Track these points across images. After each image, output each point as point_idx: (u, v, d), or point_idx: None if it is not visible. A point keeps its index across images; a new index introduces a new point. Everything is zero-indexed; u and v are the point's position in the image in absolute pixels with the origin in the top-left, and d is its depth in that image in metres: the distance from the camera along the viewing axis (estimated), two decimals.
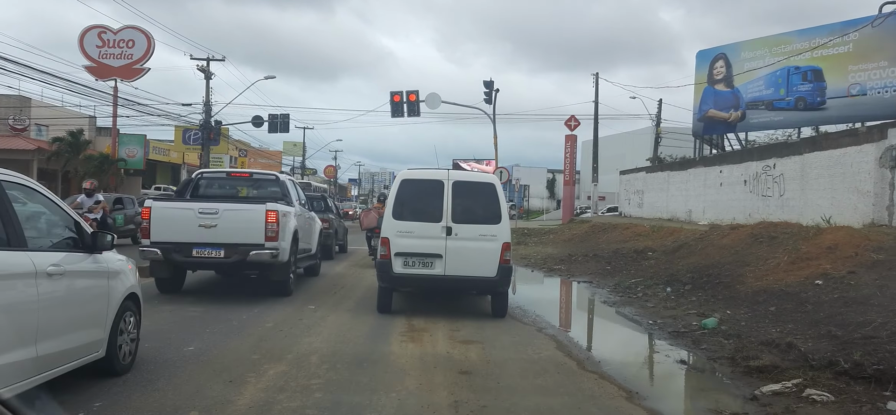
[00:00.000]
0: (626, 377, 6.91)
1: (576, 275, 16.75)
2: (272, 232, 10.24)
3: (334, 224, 20.99)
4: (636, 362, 8.41)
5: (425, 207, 10.17)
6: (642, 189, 36.54)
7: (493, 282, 9.99)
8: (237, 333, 8.19)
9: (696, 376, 7.60)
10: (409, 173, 10.78)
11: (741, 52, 30.38)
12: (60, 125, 46.28)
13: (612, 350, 8.77)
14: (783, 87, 28.31)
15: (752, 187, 24.41)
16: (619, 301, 12.52)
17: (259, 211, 10.26)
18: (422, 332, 8.75)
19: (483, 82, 32.24)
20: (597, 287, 14.68)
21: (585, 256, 19.83)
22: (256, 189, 12.26)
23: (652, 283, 13.98)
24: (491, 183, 10.49)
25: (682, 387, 7.37)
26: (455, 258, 9.78)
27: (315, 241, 13.89)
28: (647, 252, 18.70)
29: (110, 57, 42.97)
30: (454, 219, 9.92)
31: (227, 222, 10.19)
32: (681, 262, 15.53)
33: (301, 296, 11.41)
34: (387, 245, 10.09)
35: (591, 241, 25.14)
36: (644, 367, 8.23)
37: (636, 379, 7.07)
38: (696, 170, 29.50)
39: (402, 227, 10.02)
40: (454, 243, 9.82)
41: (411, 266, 9.91)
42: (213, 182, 12.37)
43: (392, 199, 10.49)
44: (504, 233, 10.03)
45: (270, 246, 10.26)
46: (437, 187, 10.17)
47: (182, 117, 45.23)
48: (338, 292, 12.23)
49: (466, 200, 10.10)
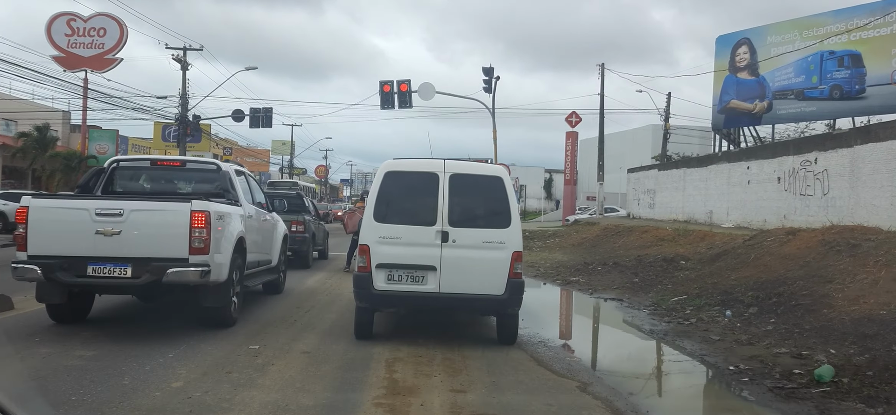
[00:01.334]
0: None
1: (599, 289, 13.83)
2: (200, 242, 7.30)
3: (311, 227, 18.06)
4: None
5: (415, 207, 7.91)
6: (654, 188, 33.69)
7: (501, 302, 7.75)
8: (120, 401, 5.25)
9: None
10: (395, 164, 8.17)
11: (767, 36, 27.56)
12: (30, 120, 43.51)
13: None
14: (816, 75, 25.52)
15: (787, 185, 21.54)
16: (669, 330, 9.59)
17: (181, 212, 7.31)
18: (408, 396, 5.79)
19: (482, 69, 29.36)
20: (630, 306, 11.77)
21: (604, 265, 16.92)
22: (189, 182, 9.25)
23: (700, 302, 11.10)
24: (498, 176, 8.07)
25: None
26: (453, 271, 7.68)
27: (277, 250, 10.95)
28: (679, 261, 15.82)
29: (80, 46, 40.28)
30: (452, 221, 7.77)
31: (135, 228, 7.24)
32: (729, 275, 12.65)
33: (248, 326, 8.46)
34: (366, 254, 7.71)
35: (605, 246, 22.24)
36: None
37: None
38: (719, 166, 26.59)
39: (385, 231, 7.78)
40: (452, 252, 7.70)
41: (397, 281, 7.73)
42: (134, 173, 9.33)
43: (373, 196, 7.97)
44: (514, 240, 7.79)
45: (197, 261, 7.31)
46: (430, 182, 7.87)
47: (158, 111, 42.17)
48: (300, 319, 9.28)
49: (467, 197, 7.96)
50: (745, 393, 6.49)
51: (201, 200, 7.45)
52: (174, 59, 40.28)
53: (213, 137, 52.67)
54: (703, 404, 6.97)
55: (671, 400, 6.93)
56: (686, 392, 7.23)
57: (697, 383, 7.54)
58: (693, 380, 7.66)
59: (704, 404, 6.96)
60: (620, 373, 7.55)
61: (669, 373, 8.06)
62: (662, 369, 8.25)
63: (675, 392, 7.23)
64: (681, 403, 6.81)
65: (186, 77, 40.28)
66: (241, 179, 9.62)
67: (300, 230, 17.36)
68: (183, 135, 40.46)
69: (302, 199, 19.66)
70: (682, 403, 6.82)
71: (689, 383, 7.55)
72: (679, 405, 6.73)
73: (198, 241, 7.28)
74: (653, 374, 8.00)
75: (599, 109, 39.02)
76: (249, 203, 9.52)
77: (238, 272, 8.39)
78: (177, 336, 7.62)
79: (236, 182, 8.97)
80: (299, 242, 17.25)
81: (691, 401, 6.95)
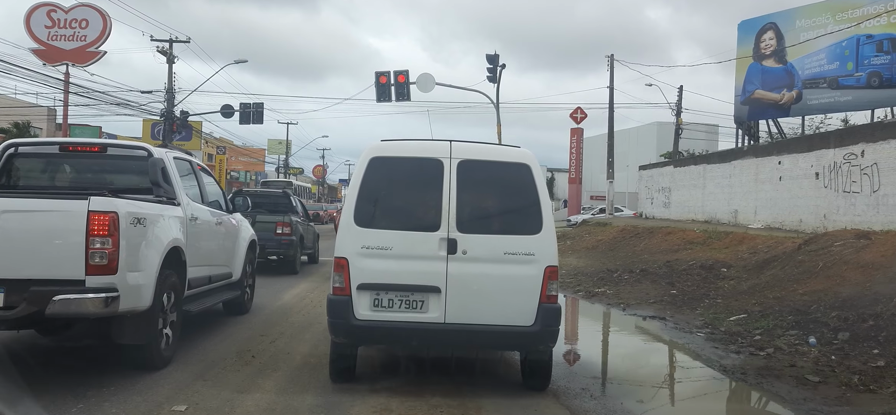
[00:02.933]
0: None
1: (632, 304, 11.62)
2: (103, 256, 5.09)
3: (299, 229, 15.92)
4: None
5: (411, 206, 5.86)
6: (669, 186, 31.48)
7: (530, 336, 5.59)
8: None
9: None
10: (384, 147, 5.95)
11: (795, 20, 25.34)
12: (11, 117, 41.52)
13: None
14: (851, 61, 23.31)
15: (827, 181, 19.31)
16: (743, 364, 7.33)
17: (74, 214, 5.10)
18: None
19: (486, 56, 27.08)
20: (678, 327, 9.55)
21: (630, 273, 14.71)
22: (111, 174, 7.00)
23: (767, 323, 8.90)
24: (524, 163, 5.85)
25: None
26: (463, 294, 5.54)
27: (239, 260, 8.73)
28: (720, 268, 13.64)
29: (61, 39, 38.29)
30: (462, 225, 5.61)
31: (6, 238, 5.04)
32: (793, 287, 10.46)
33: (186, 367, 6.25)
34: (344, 271, 5.56)
35: (625, 249, 20.03)
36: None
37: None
38: (745, 161, 24.35)
39: (370, 239, 5.60)
40: (461, 268, 5.55)
41: (387, 307, 5.56)
42: (36, 162, 7.03)
43: (354, 190, 5.74)
44: (547, 250, 5.64)
45: (99, 283, 5.11)
46: (431, 171, 5.71)
47: (142, 106, 39.98)
48: (263, 352, 7.07)
49: (482, 192, 5.89)
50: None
51: (106, 197, 5.22)
52: (159, 52, 38.24)
53: (206, 136, 50.57)
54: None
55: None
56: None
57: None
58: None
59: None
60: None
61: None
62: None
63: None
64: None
65: (172, 71, 38.23)
66: (187, 168, 7.39)
67: (286, 232, 15.29)
68: (169, 131, 38.39)
69: (289, 198, 17.54)
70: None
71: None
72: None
73: (99, 255, 5.07)
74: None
75: (609, 102, 36.85)
76: (197, 201, 7.31)
77: (171, 295, 6.18)
78: (90, 379, 5.45)
79: (173, 174, 6.73)
80: (285, 245, 15.22)
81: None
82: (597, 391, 6.29)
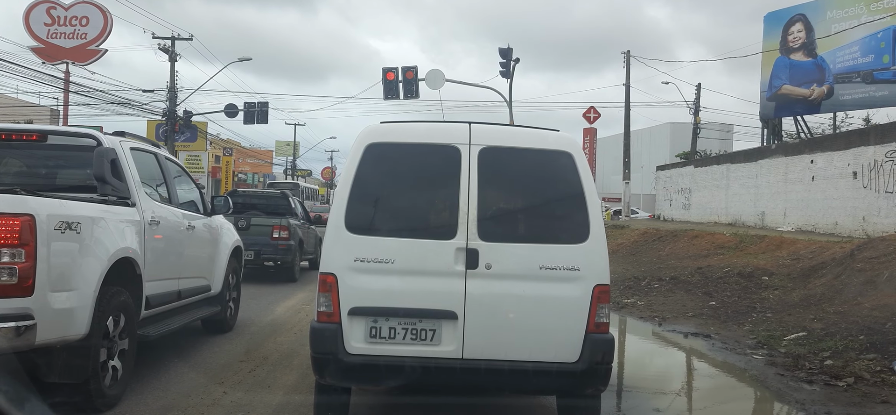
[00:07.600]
0: None
1: (668, 318, 10.31)
2: (11, 272, 3.89)
3: (297, 233, 14.75)
4: None
5: (419, 206, 4.57)
6: (689, 187, 30.12)
7: (574, 376, 4.27)
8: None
9: None
10: (384, 132, 4.60)
11: (826, 10, 23.95)
12: (13, 117, 40.65)
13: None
14: (887, 53, 21.93)
15: (867, 181, 17.95)
16: (821, 396, 6.01)
17: None
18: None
19: (499, 51, 25.80)
20: (727, 347, 8.23)
21: (660, 281, 13.40)
22: (53, 166, 5.78)
23: (835, 344, 7.60)
24: (565, 151, 4.51)
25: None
26: (486, 320, 4.28)
27: (219, 271, 7.51)
28: (761, 277, 12.34)
29: (61, 36, 37.60)
30: (484, 232, 4.33)
31: None
32: (856, 300, 9.16)
33: (144, 404, 5.02)
34: (332, 291, 4.26)
35: (649, 254, 18.70)
36: None
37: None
38: (773, 160, 22.96)
39: (366, 249, 4.30)
40: (484, 287, 4.28)
41: (388, 338, 4.26)
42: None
43: (346, 187, 4.39)
44: (597, 264, 4.38)
45: (5, 308, 3.89)
46: (445, 162, 4.41)
47: (144, 105, 38.95)
48: (236, 387, 5.82)
49: (511, 189, 4.64)
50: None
51: (16, 195, 3.99)
52: (161, 49, 37.24)
53: (213, 137, 49.53)
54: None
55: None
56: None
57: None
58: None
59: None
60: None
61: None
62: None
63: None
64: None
65: (175, 69, 37.24)
66: (148, 161, 6.16)
67: (284, 237, 14.13)
68: (171, 131, 37.41)
69: (287, 199, 16.32)
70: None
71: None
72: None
73: (6, 271, 3.85)
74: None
75: (625, 100, 35.44)
76: (159, 202, 6.08)
77: (120, 318, 4.95)
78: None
79: (127, 168, 5.49)
80: (283, 250, 14.06)
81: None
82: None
